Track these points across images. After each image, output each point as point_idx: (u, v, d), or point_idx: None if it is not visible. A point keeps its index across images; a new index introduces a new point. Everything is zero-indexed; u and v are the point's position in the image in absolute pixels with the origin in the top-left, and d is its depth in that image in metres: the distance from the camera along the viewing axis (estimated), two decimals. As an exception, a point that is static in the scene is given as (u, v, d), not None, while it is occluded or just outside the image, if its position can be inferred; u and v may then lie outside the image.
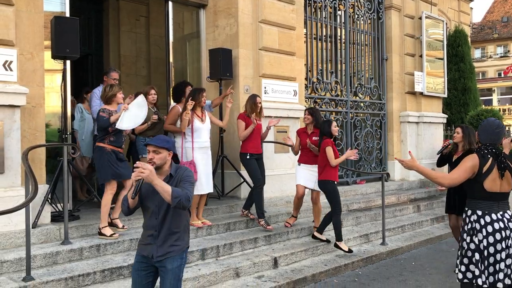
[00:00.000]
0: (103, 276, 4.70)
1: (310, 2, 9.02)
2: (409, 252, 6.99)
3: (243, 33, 7.54)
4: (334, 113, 9.51)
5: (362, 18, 10.34)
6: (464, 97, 13.00)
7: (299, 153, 6.63)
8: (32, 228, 4.99)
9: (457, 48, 13.07)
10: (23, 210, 4.27)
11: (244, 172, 6.92)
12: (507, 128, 15.33)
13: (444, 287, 5.36)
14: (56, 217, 5.54)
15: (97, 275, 4.66)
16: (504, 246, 3.46)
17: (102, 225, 5.32)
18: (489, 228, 3.48)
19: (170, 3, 7.74)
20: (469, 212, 3.64)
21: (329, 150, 5.98)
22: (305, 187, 6.53)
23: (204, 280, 5.03)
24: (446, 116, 12.06)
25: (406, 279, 5.68)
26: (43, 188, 5.29)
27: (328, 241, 6.40)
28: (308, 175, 6.44)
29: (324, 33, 9.42)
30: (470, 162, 3.56)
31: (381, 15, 10.64)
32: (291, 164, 7.74)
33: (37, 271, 4.57)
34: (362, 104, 10.25)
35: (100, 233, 5.32)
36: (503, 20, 45.07)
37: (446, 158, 6.22)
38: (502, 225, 3.48)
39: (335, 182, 6.17)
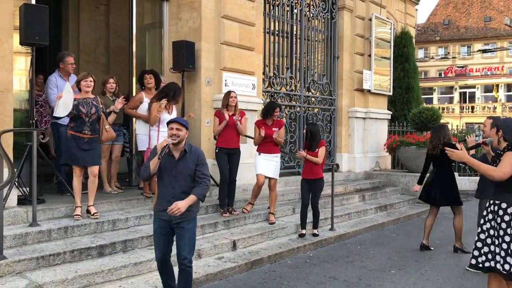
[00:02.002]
0: (73, 256, 4.93)
1: (269, 0, 9.42)
2: (355, 237, 7.60)
3: (206, 27, 7.84)
4: (288, 107, 9.99)
5: (316, 17, 10.87)
6: (407, 95, 13.88)
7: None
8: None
9: (402, 49, 13.91)
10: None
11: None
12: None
13: (385, 267, 5.97)
14: (21, 200, 5.67)
15: (66, 255, 4.89)
16: None
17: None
18: None
19: (134, -6, 7.91)
20: (504, 205, 3.80)
21: (322, 150, 6.72)
22: (265, 176, 6.98)
23: (169, 260, 5.35)
24: (391, 112, 12.87)
25: (352, 261, 6.25)
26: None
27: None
28: (267, 164, 6.90)
29: (281, 30, 9.87)
30: None
31: (334, 15, 11.21)
32: (248, 154, 8.15)
33: (7, 251, 4.73)
34: (314, 99, 10.81)
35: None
36: (444, 22, 47.46)
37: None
38: None
39: None
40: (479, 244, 4.02)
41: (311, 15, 10.70)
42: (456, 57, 44.74)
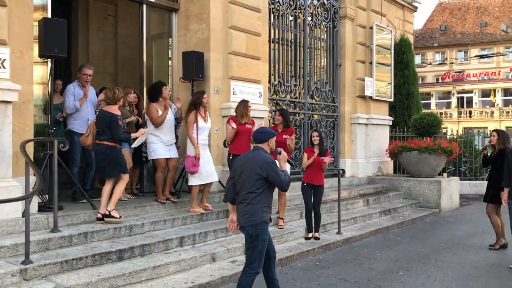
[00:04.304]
0: (94, 260, 5.11)
1: (274, 10, 9.68)
2: (362, 241, 7.80)
3: (214, 38, 8.07)
4: (293, 114, 10.22)
5: (319, 26, 11.13)
6: (407, 101, 14.14)
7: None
8: (22, 217, 5.33)
9: (402, 56, 14.17)
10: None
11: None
12: (443, 131, 16.68)
13: (393, 269, 6.17)
14: (41, 207, 5.87)
15: (88, 259, 5.08)
16: None
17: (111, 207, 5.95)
18: None
19: (145, 6, 8.14)
20: None
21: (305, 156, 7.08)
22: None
23: (185, 264, 5.55)
24: (392, 118, 13.12)
25: (360, 263, 6.45)
26: (32, 179, 5.60)
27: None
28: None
29: (285, 39, 10.11)
30: None
31: (336, 24, 11.47)
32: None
33: (32, 256, 4.90)
34: (317, 106, 11.05)
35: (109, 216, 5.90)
36: (441, 28, 47.92)
37: (489, 159, 7.34)
38: None
39: None
40: None
41: (314, 24, 10.96)
42: (453, 63, 45.15)
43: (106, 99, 6.05)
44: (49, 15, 6.55)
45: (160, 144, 6.97)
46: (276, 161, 4.37)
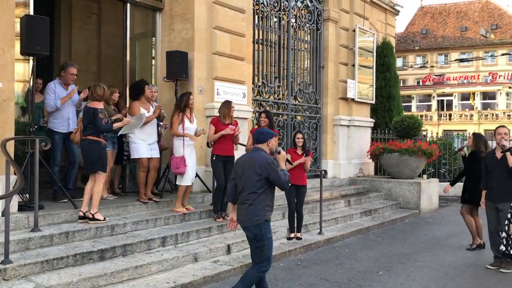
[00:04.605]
0: (75, 260, 5.08)
1: (258, 11, 9.72)
2: (343, 241, 7.89)
3: (199, 38, 8.08)
4: (276, 115, 10.27)
5: (303, 28, 11.21)
6: (389, 103, 14.32)
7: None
8: (2, 216, 5.26)
9: (384, 58, 14.34)
10: None
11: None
12: (424, 134, 16.93)
13: (373, 268, 6.26)
14: (21, 207, 5.80)
15: (69, 259, 5.04)
16: None
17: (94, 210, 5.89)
18: None
19: (129, 5, 8.10)
20: None
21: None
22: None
23: (167, 264, 5.55)
24: (373, 120, 13.27)
25: (341, 263, 6.53)
26: (12, 178, 5.53)
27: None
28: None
29: (269, 40, 10.16)
30: None
31: (319, 26, 11.57)
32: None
33: (11, 255, 4.83)
34: (301, 108, 11.13)
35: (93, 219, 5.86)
36: (422, 32, 48.58)
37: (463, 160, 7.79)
38: None
39: None
40: None
41: (298, 26, 11.03)
42: (434, 66, 45.80)
43: (95, 95, 6.02)
44: (32, 12, 6.48)
45: (142, 144, 6.93)
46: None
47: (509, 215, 4.59)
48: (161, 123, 7.49)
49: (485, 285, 5.70)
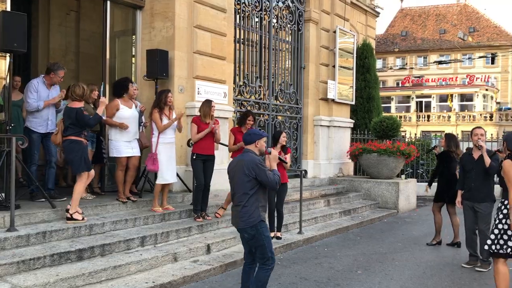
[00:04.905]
0: (52, 260, 5.01)
1: (240, 11, 9.72)
2: (322, 240, 7.95)
3: (179, 36, 8.04)
4: (257, 115, 10.28)
5: (284, 28, 11.25)
6: (368, 104, 14.46)
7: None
8: (-24, 215, 5.17)
9: (364, 60, 14.48)
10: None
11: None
12: (402, 135, 17.17)
13: (352, 268, 6.32)
14: (-4, 206, 5.69)
15: (46, 259, 4.97)
16: None
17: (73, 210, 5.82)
18: None
19: (108, 2, 8.00)
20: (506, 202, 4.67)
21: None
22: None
23: (146, 263, 5.51)
24: (353, 121, 13.39)
25: (321, 262, 6.58)
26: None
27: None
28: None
29: (251, 40, 10.17)
30: None
31: (300, 27, 11.63)
32: (220, 161, 8.36)
33: (-14, 256, 4.78)
34: (281, 108, 11.17)
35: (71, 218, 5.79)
36: (402, 34, 49.23)
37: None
38: None
39: None
40: None
41: (279, 26, 11.06)
42: (413, 68, 46.47)
43: (75, 95, 5.95)
44: (8, 8, 6.37)
45: (122, 142, 6.86)
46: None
47: (500, 215, 4.68)
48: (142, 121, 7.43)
49: (461, 283, 5.81)
